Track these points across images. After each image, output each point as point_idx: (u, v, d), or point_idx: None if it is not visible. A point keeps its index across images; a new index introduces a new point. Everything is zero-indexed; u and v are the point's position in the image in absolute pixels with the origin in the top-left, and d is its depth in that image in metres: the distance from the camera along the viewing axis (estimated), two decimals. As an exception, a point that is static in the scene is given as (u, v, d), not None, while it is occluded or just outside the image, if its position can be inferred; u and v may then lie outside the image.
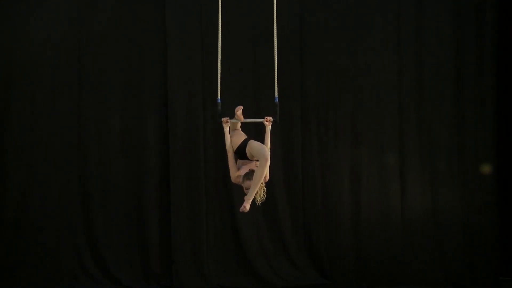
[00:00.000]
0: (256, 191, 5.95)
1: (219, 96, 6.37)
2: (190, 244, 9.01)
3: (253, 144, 6.13)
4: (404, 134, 9.18)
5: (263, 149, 6.03)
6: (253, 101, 8.98)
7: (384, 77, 9.16)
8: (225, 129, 6.29)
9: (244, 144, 6.19)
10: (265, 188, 6.06)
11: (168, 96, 9.02)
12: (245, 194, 6.06)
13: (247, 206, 5.99)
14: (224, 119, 6.27)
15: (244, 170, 6.17)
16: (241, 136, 6.32)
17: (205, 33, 8.95)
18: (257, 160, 6.10)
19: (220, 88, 6.39)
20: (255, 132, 7.55)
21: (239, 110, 6.39)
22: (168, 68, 9.01)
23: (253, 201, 6.09)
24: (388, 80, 9.17)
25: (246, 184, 6.08)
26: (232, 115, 6.37)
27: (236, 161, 6.28)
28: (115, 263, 8.94)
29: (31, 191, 8.93)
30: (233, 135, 6.33)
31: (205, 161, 9.03)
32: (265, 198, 6.06)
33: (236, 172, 6.20)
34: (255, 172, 5.98)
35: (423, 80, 9.18)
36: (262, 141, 6.22)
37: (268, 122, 6.23)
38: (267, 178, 6.12)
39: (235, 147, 6.22)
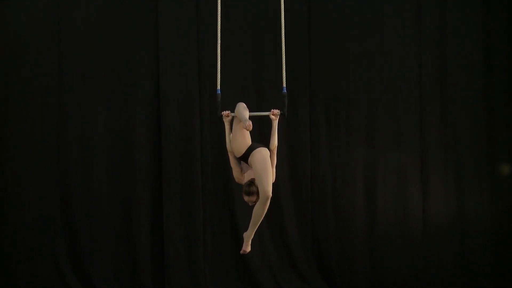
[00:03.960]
0: (256, 228, 5.87)
1: (218, 87, 6.25)
2: (185, 253, 8.86)
3: (256, 163, 5.88)
4: (425, 130, 9.07)
5: (265, 178, 5.77)
6: (256, 92, 8.94)
7: (402, 68, 9.07)
8: (226, 124, 6.16)
9: (248, 153, 6.00)
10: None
11: (160, 87, 8.90)
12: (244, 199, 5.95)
13: (247, 248, 5.96)
14: (224, 113, 6.13)
15: (248, 175, 6.03)
16: (246, 139, 6.08)
17: (201, 18, 8.91)
18: None
19: (220, 78, 6.30)
20: (258, 132, 7.68)
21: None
22: (160, 56, 8.90)
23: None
24: (407, 71, 9.07)
25: (245, 198, 5.92)
26: (233, 108, 6.24)
27: (239, 161, 6.16)
28: (99, 274, 8.79)
29: (5, 193, 8.83)
30: (237, 132, 6.10)
31: (201, 161, 8.90)
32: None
33: (239, 173, 6.12)
34: (254, 210, 5.83)
35: (447, 71, 9.07)
36: (267, 139, 6.13)
37: (274, 116, 6.08)
38: (273, 178, 5.96)
39: (238, 152, 6.04)
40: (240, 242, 8.31)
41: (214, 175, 8.92)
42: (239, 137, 6.07)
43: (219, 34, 6.36)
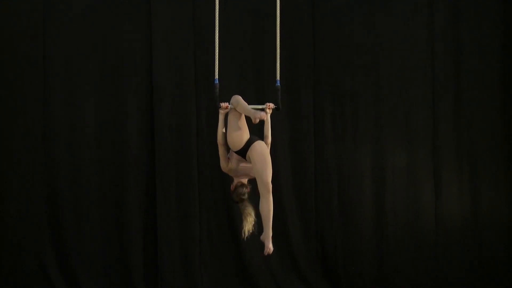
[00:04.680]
0: (271, 225, 6.03)
1: (216, 77, 6.24)
2: (180, 254, 8.81)
3: (256, 157, 6.04)
4: (438, 124, 9.04)
5: (265, 171, 5.97)
6: (255, 84, 8.87)
7: (413, 56, 9.00)
8: (220, 117, 6.23)
9: (247, 147, 6.10)
10: (253, 218, 6.22)
11: (153, 77, 8.82)
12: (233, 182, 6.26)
13: (269, 248, 6.02)
14: (223, 105, 6.15)
15: (241, 178, 6.24)
16: (244, 133, 6.15)
17: (197, 5, 8.87)
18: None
19: (218, 67, 6.31)
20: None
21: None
22: (153, 44, 8.81)
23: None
24: (418, 60, 9.02)
25: (234, 196, 6.23)
26: (229, 100, 6.34)
27: (228, 151, 6.30)
28: (88, 276, 8.70)
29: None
30: (234, 126, 6.13)
31: (198, 156, 8.83)
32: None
33: (226, 162, 6.25)
34: (261, 209, 6.03)
35: (461, 60, 9.04)
36: (262, 133, 6.32)
37: (269, 110, 6.29)
38: (269, 141, 6.33)
39: (236, 146, 6.12)
40: (239, 242, 8.71)
41: (211, 171, 8.82)
42: (237, 131, 6.13)
43: (217, 22, 6.35)
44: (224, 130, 6.22)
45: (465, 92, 9.04)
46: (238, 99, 6.11)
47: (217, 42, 6.31)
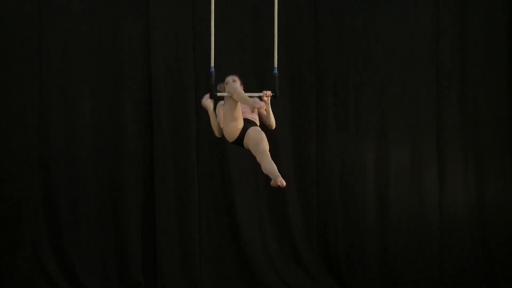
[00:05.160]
0: (274, 163, 5.95)
1: (212, 64, 6.16)
2: (179, 247, 8.79)
3: (252, 140, 6.11)
4: (443, 114, 9.03)
5: (261, 143, 6.05)
6: (255, 75, 8.77)
7: (418, 45, 8.98)
8: (209, 111, 6.34)
9: (242, 135, 6.17)
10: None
11: (152, 68, 8.79)
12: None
13: (280, 177, 5.84)
14: (222, 86, 6.25)
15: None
16: (239, 122, 6.20)
17: None
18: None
19: (214, 55, 6.22)
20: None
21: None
22: (151, 33, 8.78)
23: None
24: (423, 49, 8.98)
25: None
26: None
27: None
28: (86, 270, 8.69)
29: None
30: (229, 116, 6.12)
31: (197, 149, 8.80)
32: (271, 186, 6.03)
33: (219, 127, 6.32)
34: (264, 166, 5.99)
35: (468, 50, 9.02)
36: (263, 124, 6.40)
37: (267, 98, 6.21)
38: (273, 125, 6.41)
39: (232, 137, 6.18)
40: (239, 236, 8.84)
41: (210, 163, 8.85)
42: (233, 121, 6.17)
43: (213, 7, 6.28)
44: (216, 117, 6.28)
45: (470, 84, 9.01)
46: (235, 86, 6.08)
47: (213, 26, 6.27)
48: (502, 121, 9.00)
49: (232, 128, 6.11)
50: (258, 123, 6.25)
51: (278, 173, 5.86)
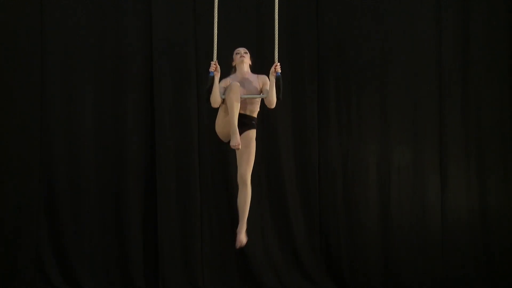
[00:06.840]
0: (245, 218, 6.16)
1: (214, 60, 6.32)
2: (181, 249, 8.79)
3: (243, 147, 6.14)
4: (445, 116, 8.98)
5: (245, 162, 6.17)
6: (256, 67, 8.76)
7: (420, 47, 8.95)
8: (215, 80, 6.34)
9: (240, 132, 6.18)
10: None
11: (153, 64, 8.80)
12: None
13: (243, 238, 6.14)
14: (212, 63, 6.34)
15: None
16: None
17: None
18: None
19: (217, 51, 6.36)
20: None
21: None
22: (153, 29, 8.80)
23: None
24: (425, 50, 8.96)
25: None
26: None
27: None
28: (86, 273, 8.69)
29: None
30: (222, 118, 6.24)
31: (199, 148, 8.80)
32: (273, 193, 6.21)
33: (216, 102, 6.24)
34: (238, 201, 6.25)
35: (470, 50, 8.98)
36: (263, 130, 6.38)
37: (275, 68, 6.18)
38: (273, 103, 6.28)
39: (226, 137, 6.27)
40: None
41: (213, 166, 8.83)
42: (227, 127, 6.19)
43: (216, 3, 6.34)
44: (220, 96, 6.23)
45: (473, 85, 8.97)
46: (231, 95, 6.07)
47: (216, 21, 6.30)
48: (504, 124, 8.96)
49: (226, 131, 6.20)
50: (256, 112, 6.28)
51: (245, 227, 6.17)
